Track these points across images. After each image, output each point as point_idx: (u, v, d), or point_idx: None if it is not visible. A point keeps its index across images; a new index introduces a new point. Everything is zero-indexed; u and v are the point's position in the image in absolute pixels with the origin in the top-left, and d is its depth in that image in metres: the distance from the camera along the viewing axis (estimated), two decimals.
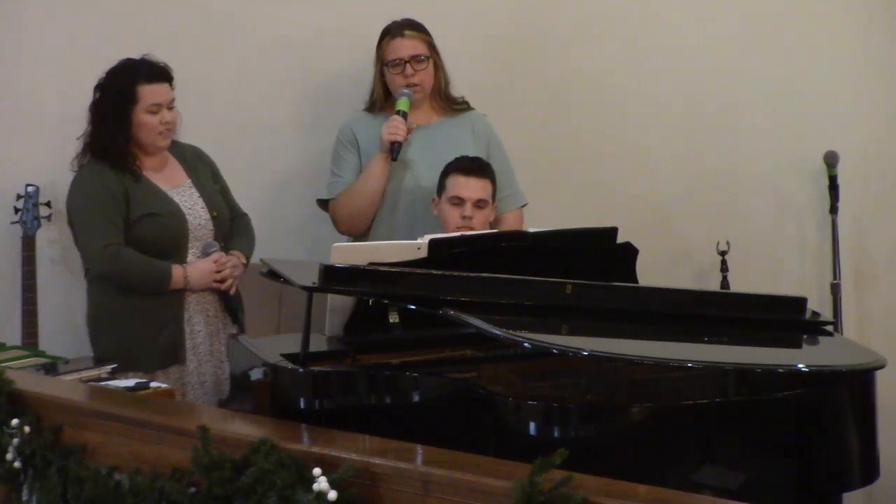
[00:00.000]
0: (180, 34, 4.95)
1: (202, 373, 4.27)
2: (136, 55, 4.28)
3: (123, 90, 4.20)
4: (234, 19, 5.05)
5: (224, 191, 4.46)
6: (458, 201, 4.41)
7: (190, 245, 4.28)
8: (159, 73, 4.24)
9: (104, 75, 4.25)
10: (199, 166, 4.40)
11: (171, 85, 4.27)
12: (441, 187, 4.47)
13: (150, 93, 4.21)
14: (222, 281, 4.28)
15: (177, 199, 4.29)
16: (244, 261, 4.37)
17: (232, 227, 4.44)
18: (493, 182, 4.48)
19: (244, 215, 4.52)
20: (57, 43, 4.83)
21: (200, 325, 4.29)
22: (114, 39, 4.62)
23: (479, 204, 4.42)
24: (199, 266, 4.26)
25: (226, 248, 4.36)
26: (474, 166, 4.46)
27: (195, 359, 4.27)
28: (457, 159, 4.48)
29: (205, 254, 4.28)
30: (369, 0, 4.99)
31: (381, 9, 4.76)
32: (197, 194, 4.34)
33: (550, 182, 5.18)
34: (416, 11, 4.72)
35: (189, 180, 4.36)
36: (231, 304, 4.33)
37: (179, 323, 4.24)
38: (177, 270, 4.22)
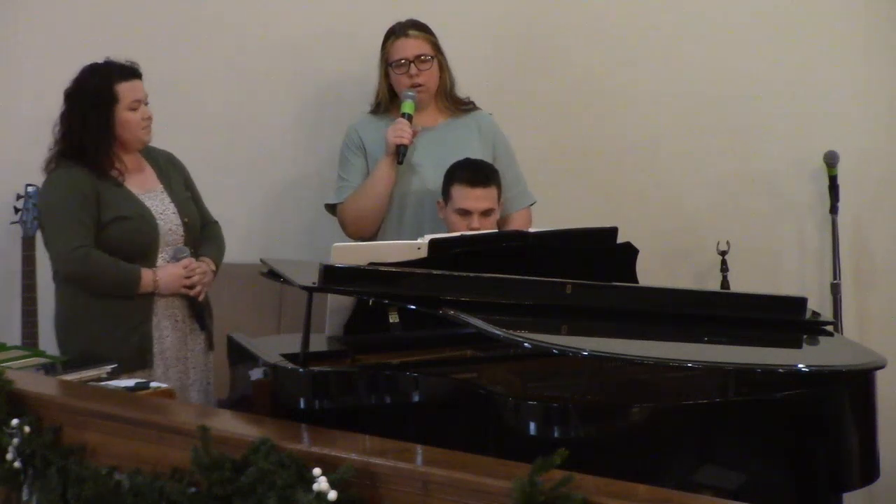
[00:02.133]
0: (181, 36, 4.96)
1: (168, 377, 4.22)
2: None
3: (102, 91, 4.19)
4: (235, 21, 5.05)
5: (195, 198, 4.43)
6: (465, 213, 4.38)
7: (160, 250, 4.25)
8: (132, 71, 4.24)
9: (72, 84, 4.22)
10: (171, 172, 4.38)
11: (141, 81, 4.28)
12: (447, 194, 4.44)
13: (129, 90, 4.21)
14: (191, 287, 4.26)
15: (148, 203, 4.26)
16: (213, 268, 4.35)
17: (202, 234, 4.41)
18: (499, 185, 4.45)
19: (215, 223, 4.49)
20: (57, 43, 4.84)
21: (168, 329, 4.26)
22: (115, 41, 4.61)
23: (486, 213, 4.39)
24: (168, 270, 4.23)
25: (195, 255, 4.33)
26: (479, 177, 4.41)
27: (162, 364, 4.25)
28: (461, 167, 4.44)
29: (175, 259, 4.25)
30: (374, 1, 4.99)
31: (385, 10, 4.75)
32: (168, 199, 4.31)
33: (554, 182, 5.17)
34: (423, 13, 4.71)
35: (161, 185, 4.33)
36: (198, 310, 4.30)
37: (148, 327, 4.22)
38: (146, 274, 4.20)
